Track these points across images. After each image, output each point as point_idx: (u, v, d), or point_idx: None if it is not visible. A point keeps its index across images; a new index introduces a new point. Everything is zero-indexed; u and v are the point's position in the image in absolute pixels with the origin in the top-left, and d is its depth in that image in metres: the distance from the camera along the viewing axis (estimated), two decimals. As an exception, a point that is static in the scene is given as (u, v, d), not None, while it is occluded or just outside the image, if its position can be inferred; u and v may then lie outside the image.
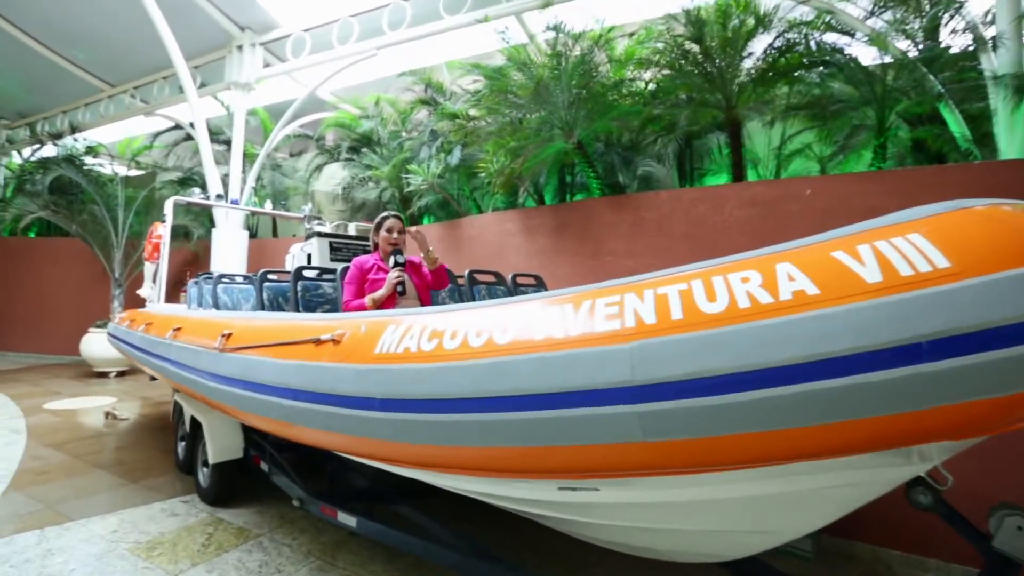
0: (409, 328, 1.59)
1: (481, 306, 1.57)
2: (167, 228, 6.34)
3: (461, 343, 1.45)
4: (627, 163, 6.19)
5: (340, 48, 8.24)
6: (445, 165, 7.13)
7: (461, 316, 1.54)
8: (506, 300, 1.56)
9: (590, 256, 5.13)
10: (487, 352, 1.39)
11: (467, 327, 1.47)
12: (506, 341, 1.38)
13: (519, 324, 1.42)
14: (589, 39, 5.12)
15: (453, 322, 1.52)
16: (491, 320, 1.46)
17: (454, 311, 1.59)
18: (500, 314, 1.47)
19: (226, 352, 2.27)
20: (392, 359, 1.55)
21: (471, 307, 1.58)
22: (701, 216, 4.51)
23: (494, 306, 1.54)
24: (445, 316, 1.58)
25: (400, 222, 2.94)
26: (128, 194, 10.25)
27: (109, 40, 10.27)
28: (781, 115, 4.84)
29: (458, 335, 1.46)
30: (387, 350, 1.58)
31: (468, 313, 1.55)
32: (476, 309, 1.56)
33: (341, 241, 4.89)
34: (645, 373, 1.18)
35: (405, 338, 1.56)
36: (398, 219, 2.94)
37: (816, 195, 4.02)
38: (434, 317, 1.60)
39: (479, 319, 1.49)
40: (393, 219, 2.93)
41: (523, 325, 1.41)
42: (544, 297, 1.50)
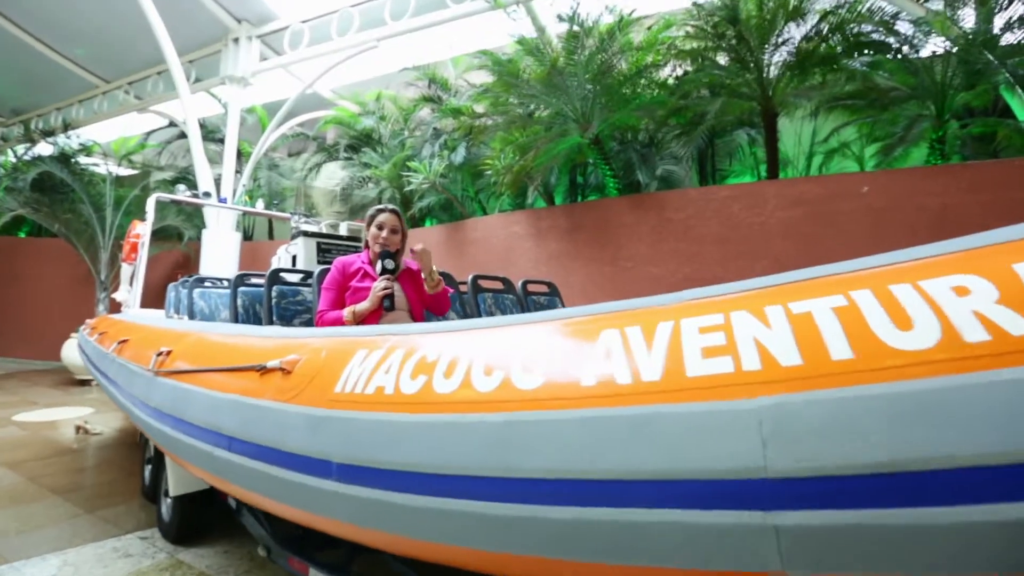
0: (386, 356, 1.07)
1: (490, 325, 1.05)
2: (147, 227, 5.86)
3: (462, 383, 0.93)
4: (645, 161, 5.68)
5: (340, 40, 7.79)
6: (448, 163, 6.65)
7: (462, 340, 1.02)
8: (527, 317, 1.04)
9: (608, 262, 4.61)
10: (502, 401, 0.87)
11: (471, 358, 0.95)
12: (533, 384, 0.86)
13: (551, 355, 0.90)
14: (604, 30, 4.63)
15: (450, 349, 1.00)
16: (507, 348, 0.94)
17: (451, 331, 1.08)
18: (520, 338, 0.96)
19: (160, 376, 1.76)
20: (358, 403, 1.03)
21: (476, 326, 1.06)
22: (736, 217, 3.98)
23: (510, 325, 1.02)
24: (438, 339, 1.06)
25: (397, 218, 2.30)
26: (118, 193, 9.81)
27: (104, 35, 9.90)
28: (826, 105, 4.32)
29: (457, 370, 0.94)
30: (352, 388, 1.06)
31: (472, 336, 1.02)
32: (483, 329, 1.04)
33: (330, 242, 4.38)
34: (790, 456, 0.66)
35: (379, 371, 1.04)
36: (394, 215, 2.29)
37: (874, 193, 3.49)
38: (423, 340, 1.08)
39: (489, 345, 0.97)
40: (388, 214, 2.28)
41: (558, 358, 0.88)
42: (588, 315, 0.97)
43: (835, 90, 3.96)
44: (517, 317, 1.06)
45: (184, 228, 9.82)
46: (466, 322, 1.11)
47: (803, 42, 3.97)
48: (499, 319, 1.07)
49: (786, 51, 4.23)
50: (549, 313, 1.03)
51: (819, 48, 4.00)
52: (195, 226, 9.83)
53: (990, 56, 3.90)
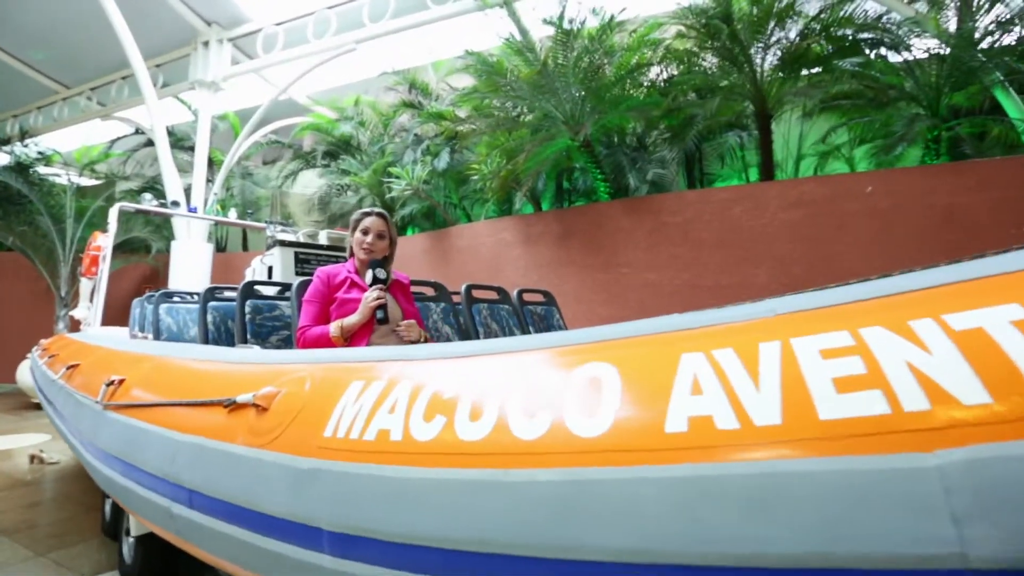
0: (389, 389, 0.84)
1: (521, 347, 0.82)
2: (109, 238, 5.46)
3: (495, 426, 0.70)
4: (635, 165, 5.55)
5: (316, 43, 7.51)
6: (432, 169, 6.42)
7: (488, 368, 0.79)
8: (565, 337, 0.82)
9: (601, 268, 4.43)
10: (556, 453, 0.65)
11: (505, 392, 0.73)
12: (596, 429, 0.64)
13: (614, 389, 0.68)
14: (593, 31, 4.47)
15: (474, 379, 0.77)
16: (551, 378, 0.72)
17: (472, 356, 0.85)
18: (566, 365, 0.74)
19: (109, 410, 1.48)
20: (356, 452, 0.79)
21: (503, 348, 0.83)
22: (736, 219, 3.85)
23: (547, 348, 0.80)
24: (455, 367, 0.83)
25: (384, 222, 2.04)
26: (80, 205, 9.28)
27: (65, 38, 9.41)
28: (819, 106, 4.24)
29: (487, 409, 0.71)
30: (347, 432, 0.82)
31: (501, 362, 0.79)
32: (514, 353, 0.81)
33: (309, 252, 4.10)
34: (999, 536, 0.45)
35: (381, 410, 0.80)
36: (381, 219, 2.04)
37: (879, 193, 3.39)
38: (435, 368, 0.85)
39: (526, 375, 0.75)
40: (374, 218, 2.02)
41: (626, 392, 0.67)
42: (652, 332, 0.76)
43: (832, 89, 3.87)
44: (553, 337, 0.84)
45: (152, 240, 9.34)
46: (488, 344, 0.88)
47: (799, 40, 3.87)
48: (529, 340, 0.85)
49: (780, 50, 4.14)
50: (595, 332, 0.81)
51: (814, 46, 3.91)
52: (164, 238, 9.36)
53: (982, 57, 3.87)
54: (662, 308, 4.09)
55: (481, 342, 0.89)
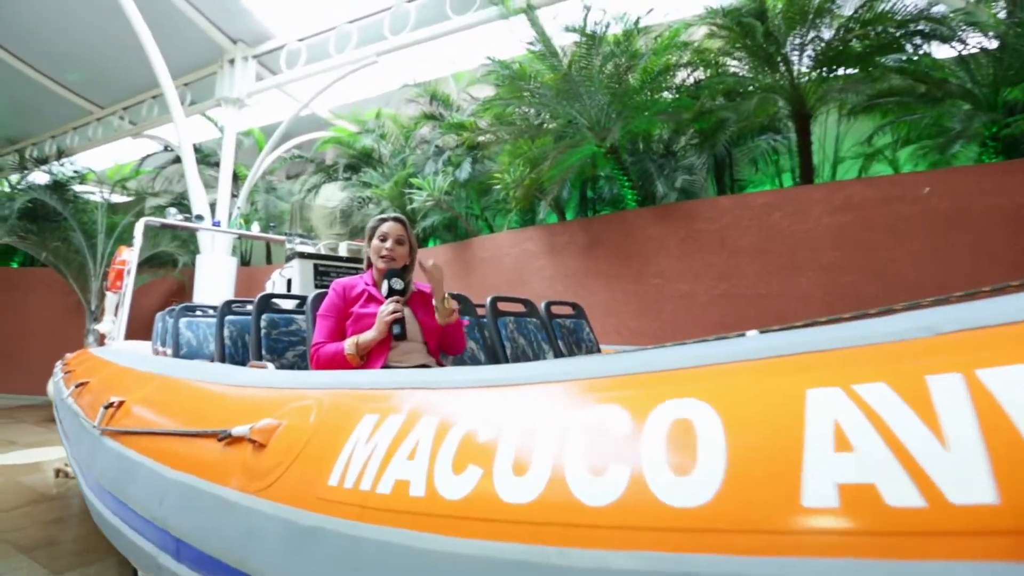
0: (409, 426, 0.67)
1: (585, 373, 0.63)
2: (134, 253, 5.49)
3: (548, 486, 0.52)
4: (663, 171, 5.34)
5: (338, 57, 7.55)
6: (453, 180, 6.32)
7: (535, 398, 0.62)
8: (646, 357, 0.62)
9: (632, 279, 4.21)
10: (647, 530, 0.46)
11: (564, 437, 0.55)
12: (701, 495, 0.45)
13: (715, 441, 0.49)
14: (621, 34, 4.31)
15: (516, 414, 0.60)
16: (619, 418, 0.54)
17: (516, 384, 0.67)
18: (643, 395, 0.55)
19: (106, 435, 1.35)
20: (366, 509, 0.62)
21: (551, 372, 0.66)
22: (776, 225, 3.60)
23: (614, 375, 0.61)
24: (492, 398, 0.66)
25: (403, 227, 1.88)
26: (111, 220, 9.50)
27: (98, 60, 9.73)
28: (862, 104, 3.97)
29: (540, 462, 0.54)
30: (356, 482, 0.65)
31: (551, 393, 0.62)
32: (566, 382, 0.64)
33: (329, 264, 4.00)
34: None
35: (398, 455, 0.63)
36: (399, 223, 1.88)
37: (936, 194, 3.12)
38: (465, 399, 0.68)
39: (589, 412, 0.56)
40: (392, 223, 1.87)
41: (737, 446, 0.48)
42: (765, 355, 0.56)
43: (880, 85, 3.61)
44: (617, 361, 0.65)
45: (179, 254, 9.48)
46: (534, 369, 0.70)
47: (842, 33, 3.64)
48: (587, 364, 0.67)
49: (818, 47, 3.90)
50: (673, 354, 0.62)
51: (854, 43, 3.66)
52: (190, 252, 9.50)
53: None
54: (697, 320, 3.87)
55: (525, 367, 0.71)
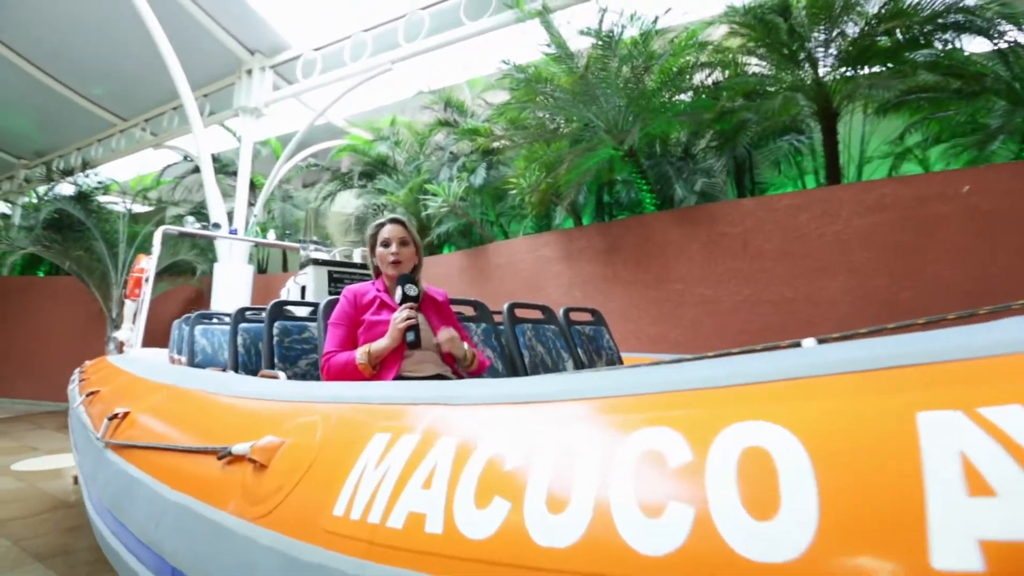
0: (424, 449, 0.59)
1: (616, 387, 0.55)
2: (152, 261, 5.53)
3: (591, 526, 0.43)
4: (681, 175, 5.22)
5: (353, 65, 7.59)
6: (468, 186, 6.27)
7: (572, 417, 0.53)
8: (703, 370, 0.52)
9: (652, 285, 4.09)
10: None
11: (598, 465, 0.46)
12: (787, 549, 0.36)
13: (810, 468, 0.40)
14: (638, 36, 4.22)
15: (549, 437, 0.51)
16: (678, 443, 0.45)
17: (548, 401, 0.58)
18: (702, 416, 0.45)
19: (109, 448, 1.29)
20: (375, 546, 0.54)
21: (587, 387, 0.57)
22: (803, 227, 3.46)
23: (664, 391, 0.51)
24: (523, 416, 0.57)
25: (403, 228, 1.77)
26: (132, 229, 9.66)
27: (122, 74, 9.97)
28: (896, 98, 3.81)
29: (575, 494, 0.45)
30: (364, 513, 0.56)
31: (589, 411, 0.53)
32: (607, 399, 0.54)
33: (343, 270, 3.96)
34: None
35: (412, 483, 0.55)
36: (399, 225, 1.77)
37: (976, 192, 2.95)
38: (491, 416, 0.59)
39: (632, 435, 0.48)
40: (392, 225, 1.76)
41: (836, 478, 0.38)
42: (867, 362, 0.46)
43: (912, 81, 3.45)
44: (666, 374, 0.56)
45: (197, 262, 9.59)
46: (566, 381, 0.61)
47: (869, 26, 3.49)
48: (630, 376, 0.58)
49: (845, 41, 3.76)
50: (735, 367, 0.53)
51: (890, 33, 3.51)
52: (208, 260, 9.62)
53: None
54: (720, 326, 3.73)
55: (558, 379, 0.62)
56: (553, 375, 0.66)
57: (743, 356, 0.57)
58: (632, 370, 0.59)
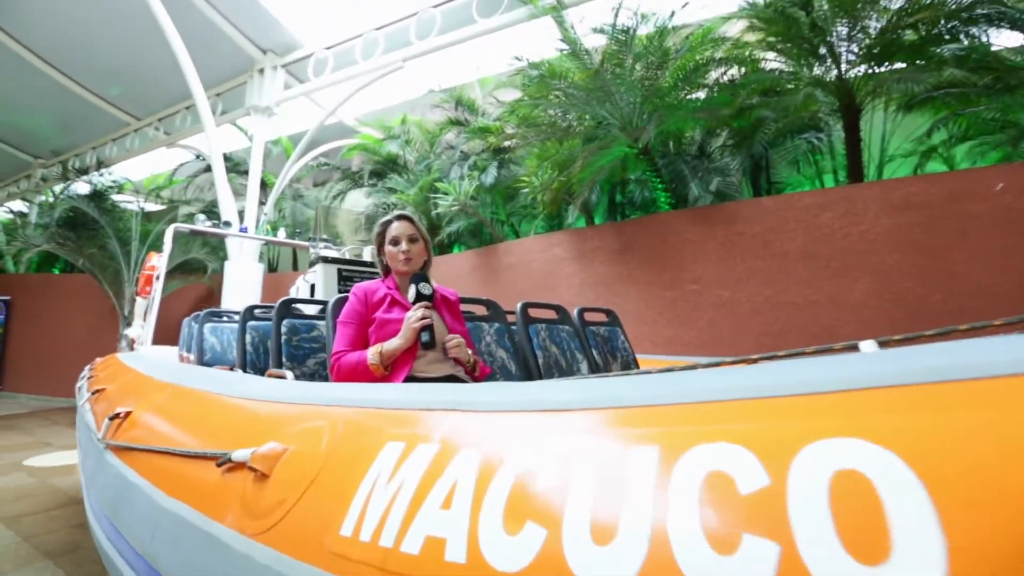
0: (443, 461, 0.52)
1: (666, 391, 0.47)
2: (163, 258, 5.53)
3: (648, 559, 0.36)
4: (697, 173, 5.11)
5: (364, 63, 7.57)
6: (479, 184, 6.21)
7: (616, 426, 0.46)
8: (781, 374, 0.44)
9: (668, 285, 4.00)
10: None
11: (651, 486, 0.39)
12: None
13: (928, 502, 0.32)
14: (648, 37, 4.12)
15: (591, 450, 0.44)
16: (749, 462, 0.37)
17: (586, 408, 0.50)
18: (778, 432, 0.37)
19: (110, 450, 1.24)
20: (385, 574, 0.48)
21: (627, 393, 0.49)
22: (826, 227, 3.35)
23: (726, 399, 0.43)
24: (558, 424, 0.50)
25: (410, 223, 1.71)
26: (145, 228, 9.73)
27: (137, 74, 10.06)
28: (924, 93, 3.68)
29: (624, 521, 0.39)
30: (374, 534, 0.49)
31: (637, 418, 0.46)
32: (654, 409, 0.47)
33: (353, 268, 3.92)
34: None
35: (430, 501, 0.49)
36: (407, 221, 1.71)
37: (1011, 190, 2.83)
38: (520, 424, 0.53)
39: (693, 451, 0.41)
40: (399, 222, 1.71)
41: (969, 521, 0.31)
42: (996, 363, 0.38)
43: (941, 76, 3.32)
44: (724, 380, 0.48)
45: (208, 261, 9.64)
46: (606, 386, 0.54)
47: (895, 19, 3.37)
48: (679, 380, 0.50)
49: (869, 35, 3.64)
50: (791, 370, 0.45)
51: (916, 26, 3.39)
52: (220, 258, 9.66)
53: None
54: (738, 329, 3.63)
55: (594, 383, 0.54)
56: (588, 378, 0.58)
57: (804, 361, 0.49)
58: (681, 375, 0.51)
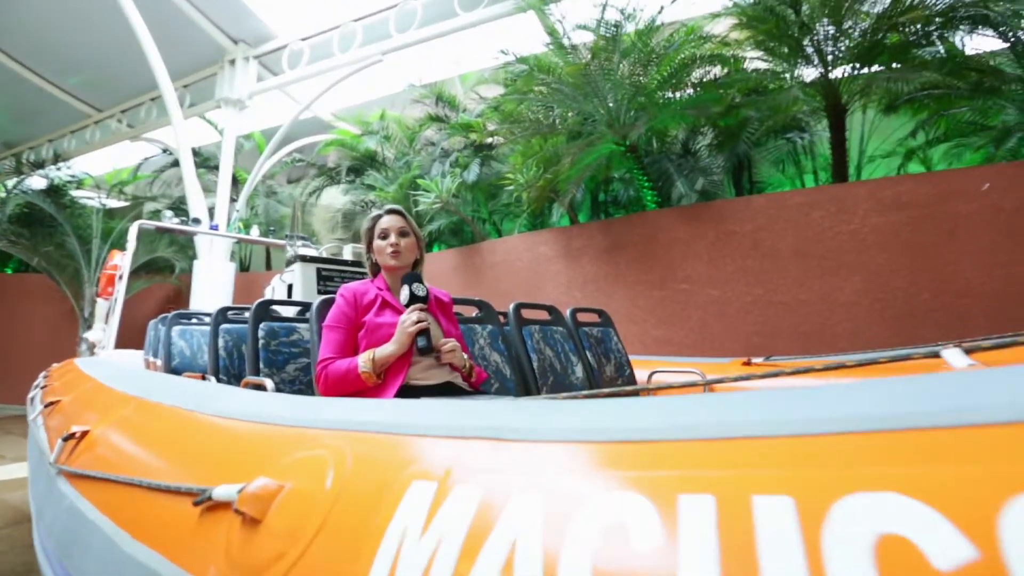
0: (492, 503, 0.41)
1: (799, 416, 0.38)
2: (127, 257, 5.22)
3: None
4: (682, 171, 5.08)
5: (342, 56, 7.32)
6: (461, 182, 6.07)
7: (744, 464, 0.36)
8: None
9: (657, 285, 3.94)
10: None
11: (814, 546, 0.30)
12: None
13: None
14: (636, 33, 4.06)
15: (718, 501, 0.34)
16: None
17: (703, 440, 0.38)
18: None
19: (63, 475, 1.07)
20: None
21: (762, 412, 0.39)
22: (817, 225, 3.34)
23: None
24: (653, 456, 0.40)
25: (402, 218, 1.59)
26: (107, 225, 9.25)
27: (97, 62, 9.53)
28: (906, 97, 3.72)
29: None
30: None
31: (767, 455, 0.36)
32: (787, 437, 0.37)
33: (333, 268, 3.74)
34: None
35: (478, 568, 0.38)
36: (397, 215, 1.60)
37: (998, 189, 2.85)
38: (602, 460, 0.41)
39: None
40: (390, 216, 1.59)
41: None
42: None
43: (926, 77, 3.34)
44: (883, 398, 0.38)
45: (176, 259, 9.23)
46: (708, 406, 0.43)
47: (883, 19, 3.37)
48: (810, 399, 0.39)
49: (855, 34, 3.65)
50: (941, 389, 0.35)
51: (901, 27, 3.41)
52: (188, 257, 9.26)
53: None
54: (729, 328, 3.60)
55: (685, 404, 0.44)
56: (670, 396, 0.47)
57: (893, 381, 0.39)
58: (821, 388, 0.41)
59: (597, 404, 0.55)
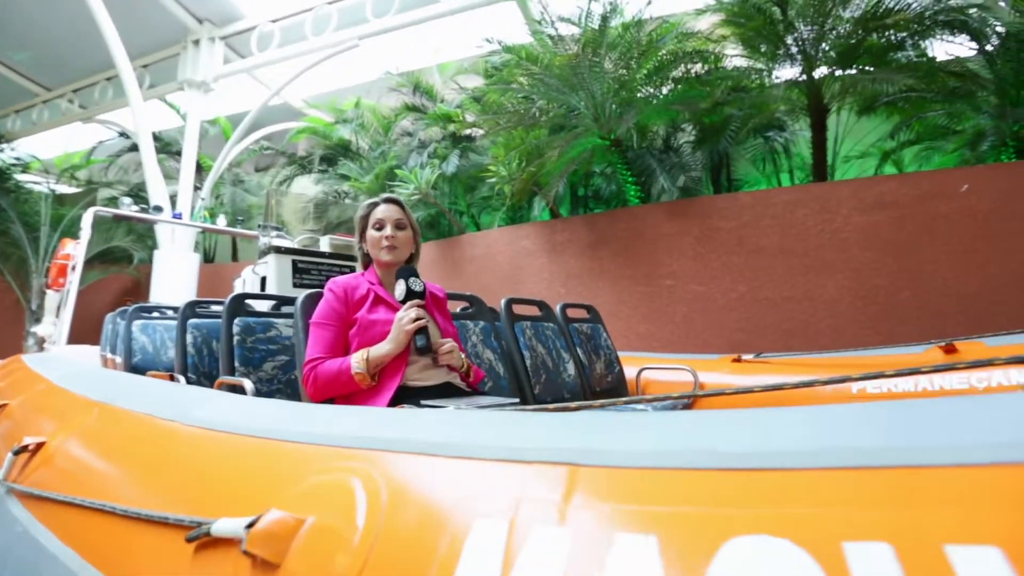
0: (584, 549, 0.34)
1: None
2: (81, 246, 4.89)
3: None
4: (664, 167, 5.08)
5: (315, 40, 7.03)
6: (440, 173, 5.92)
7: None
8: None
9: (642, 280, 3.92)
10: None
11: None
12: None
13: None
14: (624, 26, 4.00)
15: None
16: None
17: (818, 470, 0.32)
18: None
19: (14, 495, 0.93)
20: None
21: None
22: (801, 223, 3.36)
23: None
24: (780, 488, 0.32)
25: (399, 208, 1.48)
26: (57, 212, 8.67)
27: (47, 38, 8.88)
28: (886, 99, 3.79)
29: None
30: None
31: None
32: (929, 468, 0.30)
33: (310, 261, 3.57)
34: None
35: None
36: (395, 204, 1.49)
37: (976, 191, 2.92)
38: (719, 490, 0.34)
39: None
40: (387, 205, 1.48)
41: None
42: None
43: (908, 78, 3.40)
44: None
45: (135, 249, 8.73)
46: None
47: (864, 21, 3.42)
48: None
49: (839, 33, 3.69)
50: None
51: (882, 30, 3.46)
52: (147, 247, 8.77)
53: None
54: (714, 325, 3.61)
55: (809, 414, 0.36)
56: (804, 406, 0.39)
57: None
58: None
59: (686, 418, 0.47)
